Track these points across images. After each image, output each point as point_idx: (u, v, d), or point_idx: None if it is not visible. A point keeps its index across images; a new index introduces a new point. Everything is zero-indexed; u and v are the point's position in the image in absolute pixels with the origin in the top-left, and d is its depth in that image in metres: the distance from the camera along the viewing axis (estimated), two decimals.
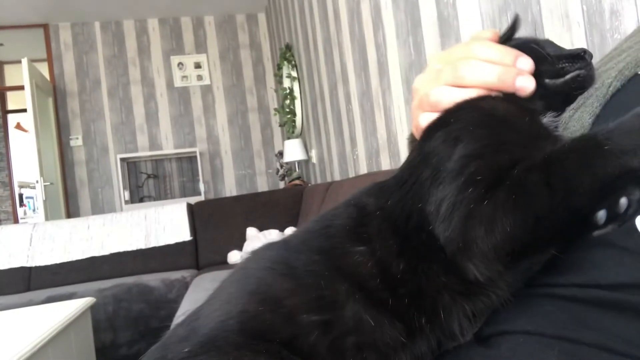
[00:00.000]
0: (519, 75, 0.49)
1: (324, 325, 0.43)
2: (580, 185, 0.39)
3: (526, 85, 0.49)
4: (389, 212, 0.48)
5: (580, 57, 0.52)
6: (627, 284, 0.39)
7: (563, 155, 0.41)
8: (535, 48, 0.56)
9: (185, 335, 0.47)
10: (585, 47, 1.06)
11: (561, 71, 0.52)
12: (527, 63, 0.50)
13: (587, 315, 0.40)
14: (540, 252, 0.44)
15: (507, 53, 0.50)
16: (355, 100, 2.81)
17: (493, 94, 0.50)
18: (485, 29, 0.55)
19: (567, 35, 1.14)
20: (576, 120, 0.49)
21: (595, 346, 0.37)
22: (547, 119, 0.50)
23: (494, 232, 0.40)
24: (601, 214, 0.39)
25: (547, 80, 0.52)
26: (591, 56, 0.54)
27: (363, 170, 2.82)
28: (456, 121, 0.49)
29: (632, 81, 0.47)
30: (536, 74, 0.52)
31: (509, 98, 0.51)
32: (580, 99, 0.50)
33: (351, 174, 3.07)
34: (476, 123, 0.48)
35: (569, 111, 0.51)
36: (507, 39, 0.55)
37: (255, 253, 0.54)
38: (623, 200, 0.38)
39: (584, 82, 0.51)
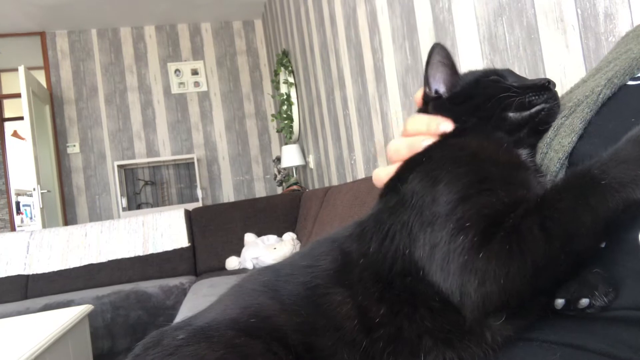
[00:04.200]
0: (441, 123, 0.54)
1: (306, 345, 0.45)
2: (581, 227, 0.37)
3: (447, 128, 0.54)
4: (371, 261, 0.47)
5: (545, 87, 0.52)
6: (630, 306, 0.38)
7: (557, 196, 0.39)
8: (497, 80, 0.56)
9: (181, 326, 0.49)
10: (580, 50, 1.07)
11: (527, 104, 0.51)
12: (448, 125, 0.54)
13: (592, 323, 0.39)
14: (539, 304, 0.42)
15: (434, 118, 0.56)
16: (352, 105, 2.81)
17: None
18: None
19: (562, 38, 1.15)
20: (567, 126, 0.49)
21: (599, 352, 0.36)
22: (523, 156, 0.50)
23: (485, 284, 0.39)
24: (560, 302, 0.39)
25: (510, 114, 0.52)
26: (554, 85, 0.54)
27: (361, 175, 2.82)
28: (429, 160, 0.49)
29: (622, 91, 0.47)
30: (499, 108, 0.52)
31: (480, 134, 0.51)
32: (571, 107, 0.50)
33: (349, 179, 3.07)
34: (451, 160, 0.47)
35: (560, 118, 0.50)
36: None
37: (250, 275, 0.56)
38: (584, 301, 0.38)
39: (547, 117, 0.51)
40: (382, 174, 0.55)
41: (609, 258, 0.40)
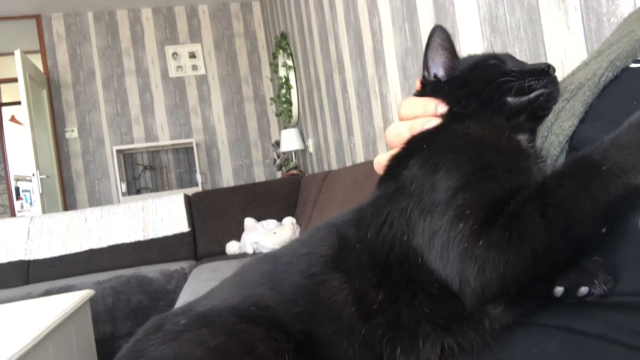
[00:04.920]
0: (439, 105, 0.54)
1: (306, 334, 0.45)
2: (582, 213, 0.36)
3: (443, 110, 0.53)
4: (368, 246, 0.47)
5: (544, 72, 0.51)
6: (630, 292, 0.38)
7: (557, 182, 0.39)
8: (496, 64, 0.55)
9: (182, 312, 0.50)
10: (581, 31, 1.06)
11: (526, 89, 0.51)
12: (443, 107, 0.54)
13: (592, 309, 0.39)
14: (540, 290, 0.42)
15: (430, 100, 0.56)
16: (352, 88, 2.79)
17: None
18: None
19: (563, 19, 1.13)
20: (568, 109, 0.48)
21: (599, 337, 0.36)
22: (523, 142, 0.49)
23: (485, 272, 0.38)
24: (559, 290, 0.39)
25: (509, 99, 0.51)
26: (554, 70, 0.53)
27: (360, 158, 2.81)
28: (430, 146, 0.49)
29: (624, 73, 0.46)
30: (498, 92, 0.51)
31: (480, 119, 0.50)
32: (573, 91, 0.49)
33: (348, 163, 3.06)
34: (452, 147, 0.47)
35: (561, 102, 0.50)
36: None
37: (250, 264, 0.56)
38: (583, 289, 0.37)
39: (546, 103, 0.50)
40: (384, 160, 0.55)
41: (609, 244, 0.39)
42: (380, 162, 0.55)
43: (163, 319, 0.49)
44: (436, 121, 0.52)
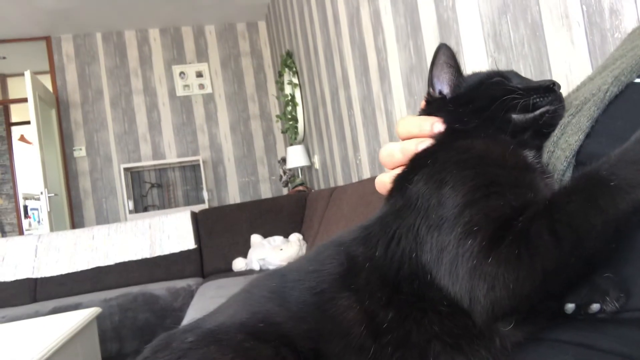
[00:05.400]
0: (435, 123, 0.53)
1: (315, 351, 0.45)
2: (592, 229, 0.36)
3: (440, 128, 0.53)
4: (377, 264, 0.47)
5: (549, 89, 0.52)
6: None
7: (566, 198, 0.38)
8: (501, 81, 0.55)
9: (189, 329, 0.49)
10: (585, 46, 1.07)
11: (531, 106, 0.51)
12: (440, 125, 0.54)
13: (603, 324, 0.39)
14: (551, 307, 0.41)
15: (426, 118, 0.56)
16: (357, 105, 2.81)
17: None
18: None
19: (567, 35, 1.14)
20: (574, 124, 0.48)
21: (611, 352, 0.36)
22: (529, 158, 0.49)
23: (494, 289, 0.38)
24: (570, 307, 0.38)
25: (514, 116, 0.51)
26: (559, 87, 0.53)
27: (366, 174, 2.82)
28: (434, 162, 0.48)
29: (629, 89, 0.47)
30: (503, 110, 0.51)
31: (485, 135, 0.50)
32: (578, 106, 0.49)
33: (354, 179, 3.06)
34: (457, 163, 0.47)
35: (567, 117, 0.50)
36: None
37: (258, 280, 0.56)
38: (595, 306, 0.37)
39: (552, 120, 0.50)
40: (385, 179, 0.55)
41: (619, 257, 0.39)
42: (382, 181, 0.55)
43: (171, 337, 0.49)
44: (429, 141, 0.52)
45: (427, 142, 0.52)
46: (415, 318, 0.43)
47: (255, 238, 3.19)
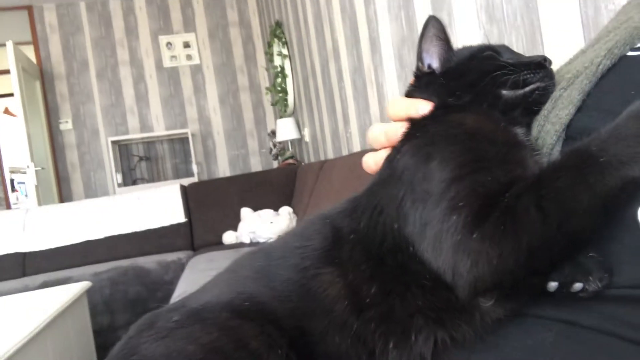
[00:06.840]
0: (420, 107, 0.52)
1: (299, 329, 0.45)
2: (579, 206, 0.36)
3: (425, 110, 0.52)
4: (361, 236, 0.47)
5: (540, 65, 0.51)
6: (627, 284, 0.37)
7: (554, 174, 0.38)
8: (492, 56, 0.54)
9: (174, 308, 0.50)
10: (579, 18, 1.05)
11: (521, 82, 0.50)
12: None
13: (587, 301, 0.38)
14: (533, 284, 0.41)
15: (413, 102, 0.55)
16: (348, 77, 2.78)
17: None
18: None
19: (560, 7, 1.12)
20: (565, 98, 0.47)
21: (595, 329, 0.36)
22: (519, 135, 0.48)
23: (478, 265, 0.38)
24: (553, 285, 0.38)
25: (504, 92, 0.51)
26: (551, 63, 0.52)
27: (356, 148, 2.81)
28: (423, 135, 0.48)
29: (622, 62, 0.46)
30: (493, 85, 0.50)
31: (475, 111, 0.49)
32: (570, 79, 0.48)
33: (344, 152, 3.06)
34: (446, 137, 0.46)
35: (559, 90, 0.49)
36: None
37: (243, 259, 0.56)
38: (577, 285, 0.37)
39: (541, 97, 0.50)
40: (371, 160, 0.54)
41: (606, 234, 0.39)
42: (368, 162, 0.55)
43: (156, 316, 0.49)
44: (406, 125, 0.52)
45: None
46: (398, 292, 0.43)
47: (246, 211, 3.19)
